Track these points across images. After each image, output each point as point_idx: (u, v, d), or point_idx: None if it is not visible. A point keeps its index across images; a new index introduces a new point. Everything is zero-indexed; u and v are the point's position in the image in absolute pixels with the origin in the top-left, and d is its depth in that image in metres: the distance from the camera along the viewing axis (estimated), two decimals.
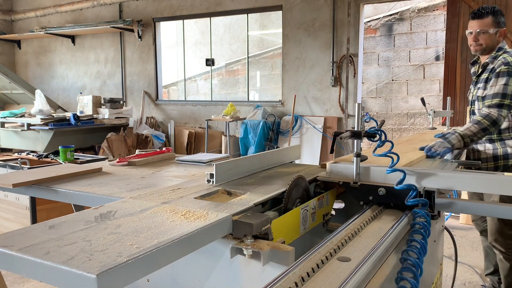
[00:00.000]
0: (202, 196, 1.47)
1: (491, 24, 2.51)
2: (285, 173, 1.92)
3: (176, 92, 10.89)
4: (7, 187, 1.78)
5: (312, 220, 1.58)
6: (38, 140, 6.31)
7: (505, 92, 2.37)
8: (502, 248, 2.68)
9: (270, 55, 9.61)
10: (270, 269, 1.16)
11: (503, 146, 2.59)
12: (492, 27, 2.51)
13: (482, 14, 2.51)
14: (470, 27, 2.58)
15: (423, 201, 1.50)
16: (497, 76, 2.43)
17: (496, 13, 2.51)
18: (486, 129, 2.32)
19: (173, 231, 1.06)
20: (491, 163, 2.63)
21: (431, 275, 1.79)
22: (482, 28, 2.52)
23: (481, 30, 2.53)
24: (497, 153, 2.60)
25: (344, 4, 6.66)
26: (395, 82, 8.47)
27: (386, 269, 1.17)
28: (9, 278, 3.23)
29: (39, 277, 0.88)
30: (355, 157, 1.66)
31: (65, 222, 1.13)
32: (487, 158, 2.64)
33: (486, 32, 2.52)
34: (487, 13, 2.50)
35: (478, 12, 2.53)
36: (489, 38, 2.53)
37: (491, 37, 2.53)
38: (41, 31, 9.38)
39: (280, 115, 7.36)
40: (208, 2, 7.96)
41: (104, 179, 1.91)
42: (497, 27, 2.52)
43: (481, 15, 2.51)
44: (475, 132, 2.30)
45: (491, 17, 2.50)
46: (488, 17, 2.51)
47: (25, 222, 3.09)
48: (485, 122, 2.33)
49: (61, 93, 10.10)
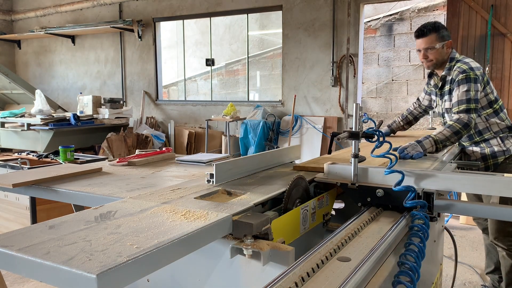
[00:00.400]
0: (202, 196, 1.47)
1: (435, 40, 2.62)
2: (285, 173, 1.93)
3: (176, 92, 10.89)
4: (7, 187, 1.78)
5: (312, 220, 1.58)
6: (38, 140, 6.31)
7: (469, 97, 2.49)
8: (504, 245, 2.73)
9: (270, 55, 9.61)
10: (270, 269, 1.16)
11: (489, 146, 2.69)
12: (437, 42, 2.62)
13: (425, 32, 2.63)
14: (417, 46, 2.70)
15: (422, 202, 1.50)
16: (458, 85, 2.55)
17: (438, 28, 2.63)
18: (459, 132, 2.40)
19: (173, 231, 1.06)
20: (482, 164, 2.72)
21: (431, 275, 1.79)
22: (428, 45, 2.63)
23: (428, 47, 2.64)
24: (485, 153, 2.70)
25: (344, 4, 6.66)
26: (395, 82, 8.47)
27: (385, 270, 1.17)
28: (9, 278, 3.23)
29: (39, 277, 0.88)
30: (353, 158, 1.66)
31: (65, 222, 1.13)
32: (477, 159, 2.74)
33: (432, 48, 2.63)
34: (429, 30, 2.62)
35: (420, 32, 2.65)
36: (437, 52, 2.64)
37: (438, 51, 2.64)
38: (41, 31, 9.38)
39: (280, 115, 7.36)
40: (208, 2, 7.96)
41: (104, 179, 1.91)
42: (442, 41, 2.63)
43: (424, 34, 2.63)
44: (447, 136, 2.38)
45: (434, 33, 2.62)
46: (432, 34, 2.62)
47: (25, 222, 3.09)
48: (456, 126, 2.41)
49: (61, 93, 10.10)
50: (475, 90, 2.51)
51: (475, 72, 2.55)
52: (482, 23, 5.58)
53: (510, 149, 2.68)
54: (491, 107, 2.65)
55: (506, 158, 2.69)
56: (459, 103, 2.51)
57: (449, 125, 2.43)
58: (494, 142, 2.69)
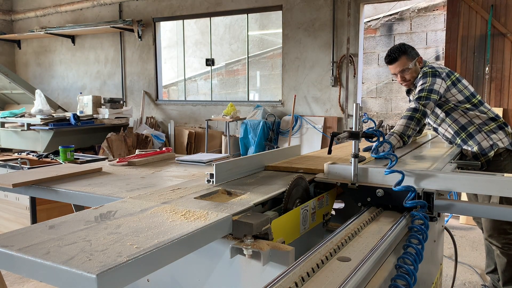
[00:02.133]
0: (202, 196, 1.47)
1: (407, 61, 2.69)
2: (285, 173, 1.93)
3: (176, 92, 10.89)
4: (7, 187, 1.78)
5: (312, 220, 1.58)
6: (38, 140, 6.31)
7: (422, 88, 2.57)
8: (498, 243, 2.72)
9: (270, 55, 9.61)
10: (270, 269, 1.16)
11: (476, 143, 2.69)
12: (409, 62, 2.69)
13: (395, 57, 2.69)
14: (391, 71, 2.78)
15: (422, 203, 1.49)
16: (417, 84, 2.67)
17: (405, 50, 2.68)
18: (412, 117, 2.46)
19: (173, 231, 1.06)
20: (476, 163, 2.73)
21: (431, 275, 1.79)
22: (402, 67, 2.70)
23: (403, 69, 2.71)
24: (474, 151, 2.70)
25: (344, 4, 6.66)
26: (395, 82, 8.46)
27: (385, 270, 1.17)
28: (9, 278, 3.23)
29: (39, 277, 0.88)
30: (352, 158, 1.66)
31: (65, 222, 1.13)
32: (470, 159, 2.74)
33: (407, 69, 2.70)
34: (398, 54, 2.68)
35: (390, 58, 2.71)
36: (413, 71, 2.72)
37: (413, 69, 2.72)
38: (41, 31, 9.38)
39: (280, 115, 7.36)
40: (208, 2, 7.96)
41: (104, 179, 1.91)
42: (412, 60, 2.70)
43: (395, 59, 2.69)
44: (405, 124, 2.44)
45: (403, 55, 2.68)
46: (402, 57, 2.68)
47: (25, 222, 3.09)
48: (407, 113, 2.49)
49: (61, 93, 10.10)
50: (431, 82, 2.56)
51: (435, 69, 2.62)
52: (482, 23, 5.58)
53: (497, 143, 2.67)
54: (468, 101, 2.68)
55: (496, 153, 2.67)
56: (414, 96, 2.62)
57: (403, 116, 2.51)
58: (480, 138, 2.68)
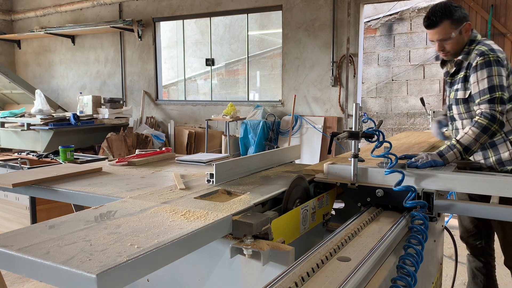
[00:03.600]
0: (202, 196, 1.47)
1: (450, 28, 2.14)
2: (285, 173, 1.93)
3: (176, 92, 10.88)
4: (7, 187, 1.78)
5: (312, 220, 1.58)
6: (38, 140, 6.31)
7: (492, 85, 2.03)
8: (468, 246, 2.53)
9: (270, 55, 9.60)
10: (270, 269, 1.16)
11: (497, 153, 2.18)
12: (452, 30, 2.14)
13: (435, 22, 2.15)
14: (429, 37, 2.24)
15: (422, 203, 1.49)
16: (475, 71, 2.08)
17: (450, 13, 2.13)
18: (487, 129, 1.97)
19: (173, 231, 1.06)
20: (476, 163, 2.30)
21: (431, 275, 1.79)
22: (443, 36, 2.16)
23: (443, 39, 2.17)
24: (490, 162, 2.21)
25: (344, 4, 6.66)
26: (395, 82, 8.47)
27: (385, 269, 1.17)
28: (9, 278, 3.23)
29: (39, 277, 0.88)
30: (352, 158, 1.66)
31: (65, 222, 1.13)
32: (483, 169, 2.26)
33: (448, 38, 2.16)
34: (440, 18, 2.13)
35: (430, 21, 2.16)
36: (455, 42, 2.17)
37: (455, 40, 2.17)
38: (41, 31, 9.37)
39: (280, 115, 7.36)
40: (208, 2, 7.96)
41: (104, 179, 1.91)
42: (458, 26, 2.14)
43: (435, 23, 2.15)
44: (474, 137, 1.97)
45: (446, 20, 2.13)
46: (444, 22, 2.13)
47: (25, 222, 3.09)
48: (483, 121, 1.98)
49: (61, 93, 10.10)
50: (498, 74, 2.03)
51: (496, 54, 2.07)
52: (482, 23, 5.58)
53: None
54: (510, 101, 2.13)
55: None
56: (481, 93, 2.04)
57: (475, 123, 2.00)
58: (503, 148, 2.17)
